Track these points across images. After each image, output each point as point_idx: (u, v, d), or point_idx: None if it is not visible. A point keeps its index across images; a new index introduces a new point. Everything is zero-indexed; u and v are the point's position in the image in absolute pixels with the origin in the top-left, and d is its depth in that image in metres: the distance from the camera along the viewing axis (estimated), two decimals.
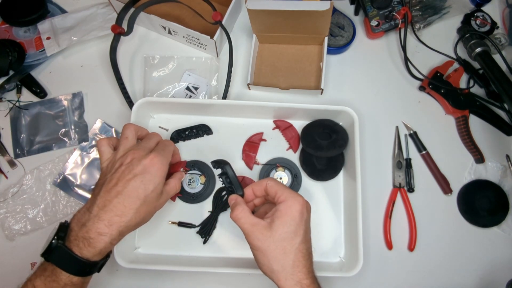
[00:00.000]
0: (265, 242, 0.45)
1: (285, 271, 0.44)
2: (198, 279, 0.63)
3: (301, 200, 0.46)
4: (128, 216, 0.45)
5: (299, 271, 0.44)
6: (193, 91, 0.72)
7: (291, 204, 0.46)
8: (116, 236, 0.45)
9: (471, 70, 0.73)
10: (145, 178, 0.46)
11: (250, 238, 0.46)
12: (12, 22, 0.73)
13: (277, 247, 0.44)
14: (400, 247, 0.65)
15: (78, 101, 0.71)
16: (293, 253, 0.44)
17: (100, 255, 0.45)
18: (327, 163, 0.65)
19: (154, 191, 0.47)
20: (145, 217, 0.48)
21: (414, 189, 0.68)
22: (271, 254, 0.44)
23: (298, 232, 0.45)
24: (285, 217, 0.45)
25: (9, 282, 0.63)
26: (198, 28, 0.67)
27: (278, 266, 0.44)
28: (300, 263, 0.44)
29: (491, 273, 0.65)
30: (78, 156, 0.68)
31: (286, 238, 0.44)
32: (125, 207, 0.45)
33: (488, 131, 0.72)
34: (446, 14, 0.77)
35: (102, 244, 0.44)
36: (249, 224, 0.46)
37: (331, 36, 0.72)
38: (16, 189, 0.66)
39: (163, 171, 0.48)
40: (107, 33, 0.71)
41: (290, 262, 0.44)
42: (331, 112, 0.65)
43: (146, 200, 0.46)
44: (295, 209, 0.45)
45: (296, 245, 0.44)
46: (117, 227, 0.44)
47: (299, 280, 0.44)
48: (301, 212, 0.46)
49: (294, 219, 0.45)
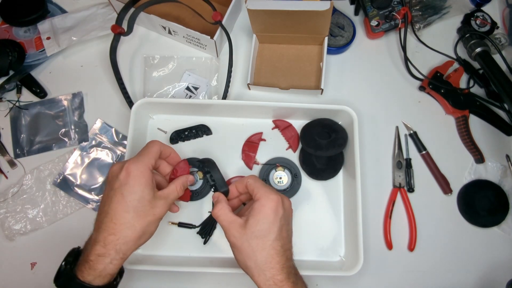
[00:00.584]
0: (240, 240, 0.46)
1: (258, 268, 0.45)
2: (198, 279, 0.62)
3: (275, 198, 0.47)
4: (121, 232, 0.45)
5: (272, 267, 0.45)
6: (193, 91, 0.72)
7: (264, 203, 0.46)
8: (115, 255, 0.44)
9: (471, 70, 0.73)
10: (125, 191, 0.46)
11: (227, 235, 0.48)
12: (12, 22, 0.73)
13: (250, 244, 0.45)
14: (400, 247, 0.65)
15: (78, 101, 0.71)
16: (266, 250, 0.45)
17: (102, 277, 0.44)
18: (326, 162, 0.65)
19: (140, 200, 0.46)
20: (145, 229, 0.47)
21: (414, 189, 0.68)
22: (245, 251, 0.46)
23: (272, 229, 0.46)
24: (258, 216, 0.46)
25: (9, 282, 0.63)
26: (198, 28, 0.67)
27: (251, 262, 0.45)
28: (273, 259, 0.45)
29: (491, 273, 0.65)
30: (78, 156, 0.68)
31: (259, 236, 0.45)
32: (115, 224, 0.45)
33: (488, 131, 0.72)
34: (446, 14, 0.77)
35: (102, 265, 0.44)
36: (226, 221, 0.48)
37: (331, 36, 0.72)
38: (16, 189, 0.66)
39: (142, 177, 0.46)
40: (107, 33, 0.71)
41: (263, 259, 0.45)
42: (330, 112, 0.65)
43: (136, 211, 0.46)
44: (268, 207, 0.46)
45: (269, 242, 0.45)
46: (113, 246, 0.44)
47: (272, 276, 0.44)
48: (275, 210, 0.46)
49: (267, 217, 0.46)
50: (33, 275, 0.63)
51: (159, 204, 0.48)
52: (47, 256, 0.64)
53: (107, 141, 0.69)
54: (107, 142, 0.69)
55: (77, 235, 0.64)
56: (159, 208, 0.48)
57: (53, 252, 0.63)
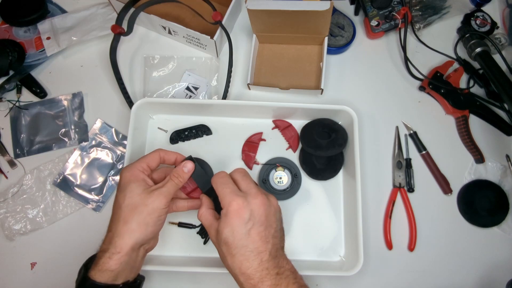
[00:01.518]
0: (216, 243, 0.48)
1: (232, 272, 0.46)
2: (198, 279, 0.62)
3: (235, 203, 0.46)
4: (117, 227, 0.47)
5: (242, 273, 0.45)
6: (193, 91, 0.72)
7: (225, 211, 0.46)
8: (112, 249, 0.45)
9: (471, 70, 0.73)
10: (117, 192, 0.50)
11: (209, 236, 0.50)
12: (12, 22, 0.73)
13: (221, 249, 0.47)
14: (400, 247, 0.65)
15: (78, 101, 0.71)
16: (235, 256, 0.45)
17: (101, 272, 0.44)
18: (326, 162, 0.65)
19: (129, 194, 0.48)
20: (138, 221, 0.47)
21: (414, 189, 0.68)
22: (221, 254, 0.47)
23: (236, 236, 0.45)
24: (223, 223, 0.46)
25: (9, 282, 0.63)
26: (198, 28, 0.67)
27: (226, 265, 0.47)
28: (242, 265, 0.45)
29: (491, 273, 0.65)
30: (78, 156, 0.68)
31: (227, 243, 0.45)
32: (112, 222, 0.48)
33: (488, 131, 0.72)
34: (446, 14, 0.77)
35: (101, 259, 0.45)
36: (207, 225, 0.49)
37: (331, 36, 0.72)
38: (16, 189, 0.66)
39: (129, 176, 0.49)
40: (107, 33, 0.71)
41: (234, 265, 0.45)
42: (330, 112, 0.65)
43: (127, 205, 0.47)
44: (231, 213, 0.45)
45: (238, 249, 0.45)
46: (110, 240, 0.46)
47: (244, 281, 0.45)
48: (237, 215, 0.45)
49: (230, 223, 0.45)
50: (33, 275, 0.63)
51: (152, 195, 0.48)
52: (47, 256, 0.64)
53: (107, 141, 0.69)
54: (107, 142, 0.69)
55: (77, 235, 0.65)
56: (152, 198, 0.48)
57: (53, 252, 0.64)
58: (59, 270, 0.63)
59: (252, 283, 0.44)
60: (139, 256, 0.49)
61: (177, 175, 0.51)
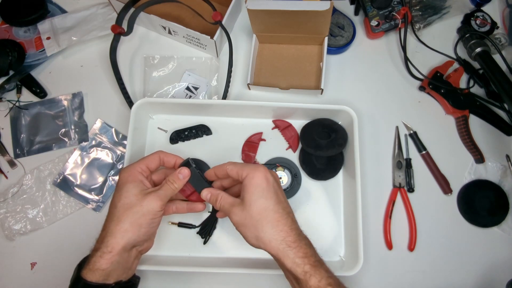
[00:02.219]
0: (243, 216, 0.47)
1: (268, 235, 0.45)
2: (198, 279, 0.62)
3: (262, 169, 0.48)
4: (110, 226, 0.47)
5: (280, 230, 0.45)
6: (193, 91, 0.72)
7: (252, 175, 0.47)
8: (103, 248, 0.45)
9: (471, 70, 0.73)
10: (115, 191, 0.50)
11: (231, 217, 0.49)
12: (12, 22, 0.73)
13: (253, 216, 0.46)
14: (400, 247, 0.65)
15: (78, 101, 0.71)
16: (270, 216, 0.46)
17: (92, 271, 0.44)
18: (326, 162, 0.65)
19: (125, 194, 0.48)
20: (131, 220, 0.46)
21: (414, 189, 0.68)
22: (251, 225, 0.46)
23: (268, 196, 0.47)
24: (251, 188, 0.47)
25: (9, 282, 0.63)
26: (198, 28, 0.67)
27: (260, 232, 0.46)
28: (279, 223, 0.46)
29: (491, 273, 0.65)
30: (78, 156, 0.68)
31: (259, 206, 0.46)
32: (107, 221, 0.48)
33: (488, 131, 0.72)
34: (446, 14, 0.77)
35: (93, 258, 0.45)
36: (228, 204, 0.49)
37: (331, 36, 0.72)
38: (16, 189, 0.66)
39: (127, 176, 0.49)
40: (107, 33, 0.71)
41: (269, 225, 0.45)
42: (330, 112, 0.65)
43: (122, 205, 0.47)
44: (258, 177, 0.47)
45: (271, 207, 0.46)
46: (102, 239, 0.46)
47: (283, 239, 0.45)
48: (265, 178, 0.47)
49: (260, 186, 0.47)
50: (33, 275, 0.63)
51: (148, 197, 0.48)
52: (47, 256, 0.64)
53: (107, 141, 0.69)
54: (107, 142, 0.69)
55: (77, 235, 0.65)
56: (148, 200, 0.48)
57: (53, 252, 0.64)
58: (59, 270, 0.63)
59: (291, 240, 0.45)
60: (131, 257, 0.48)
61: (172, 181, 0.51)
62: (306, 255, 0.45)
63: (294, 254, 0.44)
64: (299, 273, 0.44)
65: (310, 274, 0.43)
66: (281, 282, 0.63)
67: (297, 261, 0.44)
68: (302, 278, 0.44)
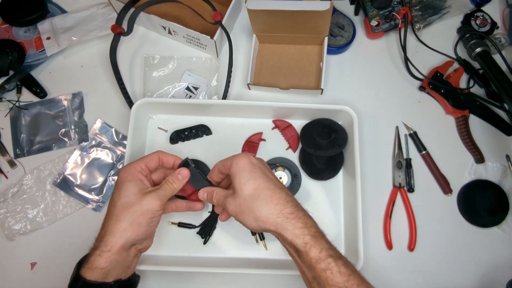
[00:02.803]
0: (237, 203, 0.47)
1: (264, 212, 0.45)
2: (198, 279, 0.62)
3: (243, 154, 0.49)
4: (109, 225, 0.46)
5: (276, 204, 0.45)
6: (193, 91, 0.72)
7: (236, 162, 0.48)
8: (102, 246, 0.45)
9: (471, 70, 0.73)
10: (114, 190, 0.49)
11: (227, 208, 0.48)
12: (12, 22, 0.73)
13: (246, 199, 0.46)
14: (400, 247, 0.65)
15: (78, 101, 0.71)
16: (262, 194, 0.46)
17: (91, 270, 0.44)
18: (326, 162, 0.65)
19: (125, 193, 0.48)
20: (130, 220, 0.46)
21: (414, 189, 0.68)
22: (247, 209, 0.46)
23: (256, 176, 0.47)
24: (238, 174, 0.47)
25: (9, 282, 0.63)
26: (198, 28, 0.67)
27: (256, 212, 0.45)
28: (273, 198, 0.46)
29: (491, 273, 0.65)
30: (78, 156, 0.68)
31: (249, 188, 0.46)
32: (106, 220, 0.48)
33: (488, 131, 0.72)
34: (446, 14, 0.77)
35: (92, 256, 0.45)
36: (223, 197, 0.49)
37: (331, 36, 0.72)
38: (16, 189, 0.66)
39: (127, 175, 0.49)
40: (107, 33, 0.71)
41: (263, 202, 0.45)
42: (330, 112, 0.65)
43: (121, 204, 0.47)
44: (241, 162, 0.48)
45: (261, 186, 0.46)
46: (101, 237, 0.46)
47: (279, 212, 0.45)
48: (248, 161, 0.48)
49: (245, 169, 0.47)
50: (33, 275, 0.63)
51: (148, 197, 0.48)
52: (47, 256, 0.64)
53: (107, 141, 0.69)
54: (107, 142, 0.69)
55: (77, 235, 0.65)
56: (147, 199, 0.48)
57: (53, 252, 0.64)
58: (59, 270, 0.63)
59: (288, 212, 0.45)
60: (131, 256, 0.48)
61: (172, 181, 0.51)
62: (305, 226, 0.44)
63: (293, 225, 0.44)
64: (300, 245, 0.43)
65: (311, 245, 0.43)
66: (281, 282, 0.63)
67: (297, 232, 0.44)
68: (303, 250, 0.43)
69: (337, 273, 0.42)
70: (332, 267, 0.42)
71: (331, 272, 0.42)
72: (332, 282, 0.41)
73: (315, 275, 0.42)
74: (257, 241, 0.63)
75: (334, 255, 0.43)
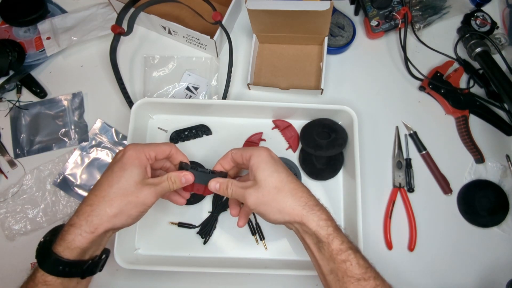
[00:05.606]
0: (260, 194, 0.47)
1: (290, 203, 0.46)
2: (198, 279, 0.62)
3: (264, 148, 0.50)
4: (98, 204, 0.44)
5: (300, 196, 0.46)
6: (193, 91, 0.72)
7: (258, 154, 0.48)
8: (85, 226, 0.43)
9: (471, 70, 0.73)
10: (115, 167, 0.46)
11: (246, 199, 0.47)
12: (12, 22, 0.73)
13: (270, 191, 0.46)
14: (400, 247, 0.65)
15: (78, 101, 0.71)
16: (287, 186, 0.47)
17: (70, 250, 0.42)
18: (326, 162, 0.65)
19: (127, 179, 0.45)
20: (122, 208, 0.45)
21: (414, 189, 0.68)
22: (271, 199, 0.46)
23: (279, 169, 0.48)
24: (261, 165, 0.48)
25: (9, 282, 0.63)
26: (198, 28, 0.67)
27: (281, 203, 0.46)
28: (297, 190, 0.47)
29: (491, 273, 0.65)
30: (78, 156, 0.68)
31: (274, 180, 0.47)
32: (96, 196, 0.44)
33: (488, 131, 0.72)
34: (446, 14, 0.77)
35: (71, 235, 0.42)
36: (242, 190, 0.48)
37: (331, 36, 0.72)
38: (16, 189, 0.66)
39: (135, 158, 0.47)
40: (107, 33, 0.71)
41: (289, 194, 0.46)
42: (330, 112, 0.65)
43: (119, 188, 0.45)
44: (264, 154, 0.48)
45: (285, 179, 0.47)
46: (86, 216, 0.43)
47: (305, 202, 0.46)
48: (269, 155, 0.49)
49: (269, 161, 0.48)
50: None
51: (146, 189, 0.46)
52: None
53: (107, 141, 0.69)
54: (107, 142, 0.69)
55: None
56: (145, 192, 0.46)
57: None
58: None
59: (313, 203, 0.46)
60: (107, 237, 0.47)
61: (173, 181, 0.50)
62: (329, 218, 0.46)
63: (318, 216, 0.45)
64: (323, 235, 0.44)
65: (334, 236, 0.44)
66: (281, 282, 0.63)
67: (321, 223, 0.45)
68: (325, 240, 0.44)
69: (356, 264, 0.43)
70: (352, 258, 0.43)
71: (350, 263, 0.43)
72: (351, 273, 0.43)
73: (334, 266, 0.44)
74: (257, 241, 0.63)
75: (354, 248, 0.44)
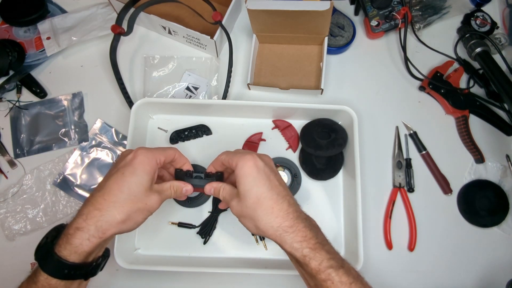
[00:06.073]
0: (239, 207, 0.46)
1: (264, 223, 0.45)
2: (198, 279, 0.63)
3: (249, 156, 0.47)
4: (108, 210, 0.43)
5: (276, 216, 0.45)
6: (193, 91, 0.72)
7: (242, 165, 0.47)
8: (94, 231, 0.42)
9: (471, 70, 0.73)
10: (126, 171, 0.45)
11: (231, 209, 0.48)
12: (12, 22, 0.73)
13: (248, 207, 0.46)
14: (400, 247, 0.65)
15: (78, 101, 0.71)
16: (264, 204, 0.45)
17: (77, 254, 0.42)
18: (326, 162, 0.65)
19: (137, 184, 0.45)
20: (131, 215, 0.45)
21: (414, 189, 0.68)
22: (248, 215, 0.46)
23: (260, 183, 0.46)
24: (243, 179, 0.46)
25: (9, 282, 0.63)
26: (198, 28, 0.67)
27: (257, 222, 0.45)
28: (274, 209, 0.45)
29: (491, 273, 0.65)
30: (78, 156, 0.68)
31: (252, 196, 0.45)
32: (105, 200, 0.44)
33: (488, 131, 0.72)
34: (446, 14, 0.77)
35: (78, 240, 0.42)
36: (229, 196, 0.49)
37: (331, 36, 0.72)
38: (16, 189, 0.66)
39: (147, 164, 0.47)
40: (107, 33, 0.71)
41: (264, 213, 0.45)
42: (330, 112, 0.65)
43: (130, 194, 0.45)
44: (247, 166, 0.46)
45: (264, 195, 0.45)
46: (95, 221, 0.43)
47: (279, 225, 0.44)
48: (254, 165, 0.46)
49: (250, 174, 0.46)
50: None
51: (153, 196, 0.47)
52: None
53: (107, 141, 0.69)
54: (107, 142, 0.69)
55: None
56: (152, 199, 0.47)
57: None
58: None
59: (287, 225, 0.44)
60: (110, 239, 0.47)
61: (176, 190, 0.50)
62: (304, 239, 0.44)
63: (292, 239, 0.44)
64: (299, 257, 0.43)
65: (310, 257, 0.43)
66: (281, 282, 0.63)
67: (295, 245, 0.44)
68: (302, 261, 0.43)
69: (338, 283, 0.42)
70: (333, 277, 0.42)
71: (332, 282, 0.42)
72: None
73: (317, 283, 0.43)
74: (257, 241, 0.63)
75: (335, 265, 0.43)
